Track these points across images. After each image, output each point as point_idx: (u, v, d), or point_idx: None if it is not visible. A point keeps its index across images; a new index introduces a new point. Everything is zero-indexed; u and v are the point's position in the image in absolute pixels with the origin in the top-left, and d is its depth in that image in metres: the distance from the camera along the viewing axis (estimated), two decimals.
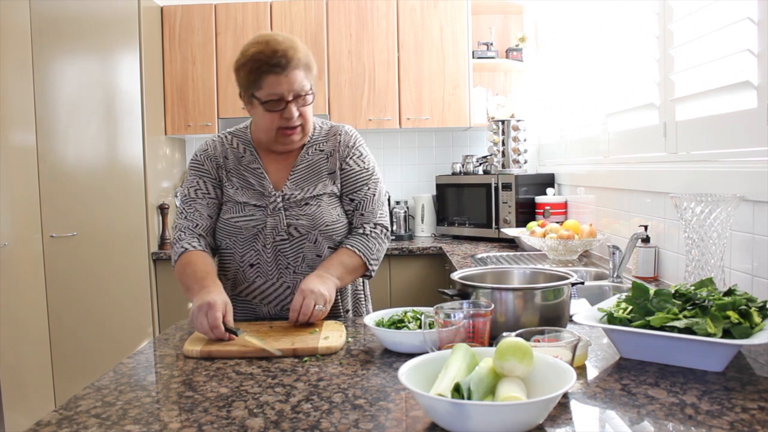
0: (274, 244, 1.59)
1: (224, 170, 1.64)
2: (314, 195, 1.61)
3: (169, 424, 0.93)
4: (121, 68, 3.36)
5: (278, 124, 1.55)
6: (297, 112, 1.54)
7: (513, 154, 3.47)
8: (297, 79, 1.52)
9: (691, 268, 1.52)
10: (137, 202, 3.38)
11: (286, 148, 1.63)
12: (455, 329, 1.10)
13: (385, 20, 3.64)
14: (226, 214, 1.62)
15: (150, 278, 3.40)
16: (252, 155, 1.65)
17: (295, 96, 1.53)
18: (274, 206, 1.59)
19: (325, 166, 1.65)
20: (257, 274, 1.62)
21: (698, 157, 1.85)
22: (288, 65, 1.51)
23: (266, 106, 1.54)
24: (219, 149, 1.66)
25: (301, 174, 1.64)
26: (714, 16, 1.74)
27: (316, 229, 1.59)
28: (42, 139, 3.22)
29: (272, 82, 1.51)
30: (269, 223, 1.59)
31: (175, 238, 1.62)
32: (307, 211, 1.60)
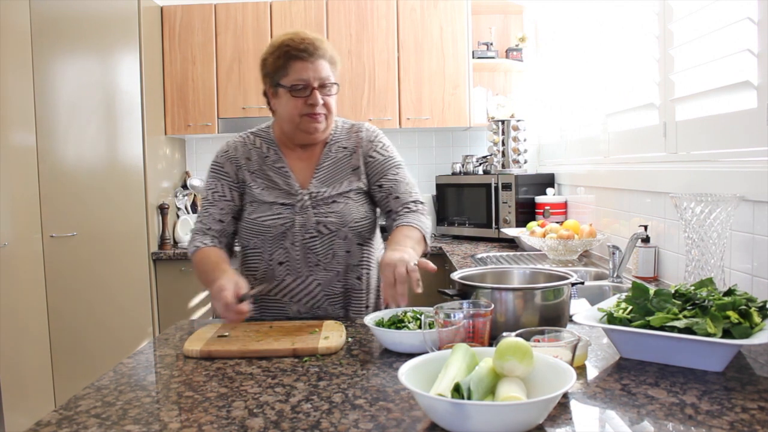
0: (303, 242, 1.60)
1: (247, 171, 1.65)
2: (341, 192, 1.64)
3: (169, 424, 0.93)
4: (121, 68, 3.36)
5: (303, 110, 1.58)
6: (321, 100, 1.57)
7: (513, 154, 3.47)
8: (323, 68, 1.57)
9: (691, 268, 1.52)
10: (137, 202, 3.38)
11: (310, 138, 1.64)
12: (455, 329, 1.10)
13: (385, 20, 3.64)
14: (252, 214, 1.63)
15: (150, 278, 3.40)
16: (276, 154, 1.67)
17: (320, 84, 1.57)
18: (301, 204, 1.61)
19: (349, 163, 1.68)
20: (287, 271, 1.63)
21: (698, 157, 1.85)
22: (315, 53, 1.56)
23: (292, 91, 1.57)
24: (241, 150, 1.68)
25: (325, 172, 1.66)
26: (714, 16, 1.74)
27: (346, 225, 1.61)
28: (42, 139, 3.22)
29: (299, 68, 1.56)
30: (298, 221, 1.60)
31: (190, 239, 1.67)
32: (335, 209, 1.62)
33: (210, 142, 4.09)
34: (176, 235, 3.66)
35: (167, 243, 3.55)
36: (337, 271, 1.64)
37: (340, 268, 1.64)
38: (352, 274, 1.66)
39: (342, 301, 1.67)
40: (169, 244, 3.56)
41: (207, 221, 1.65)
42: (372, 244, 1.72)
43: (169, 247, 3.54)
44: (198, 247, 1.62)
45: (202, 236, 1.64)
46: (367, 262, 1.69)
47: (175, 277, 3.46)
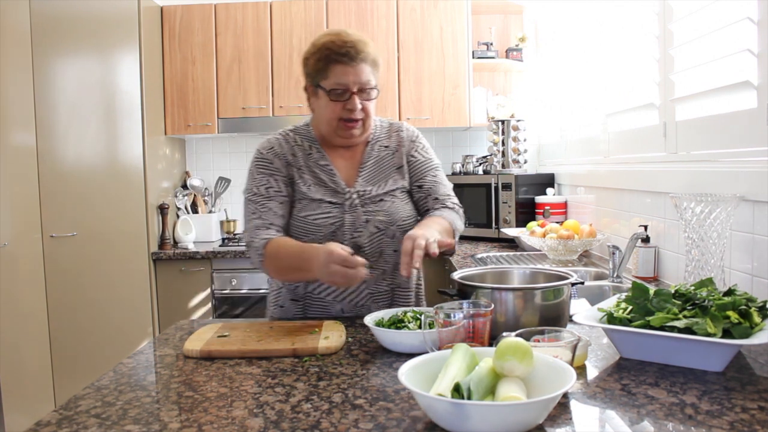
0: (352, 240, 1.59)
1: (294, 167, 1.63)
2: (387, 191, 1.64)
3: (169, 424, 0.93)
4: (121, 68, 3.36)
5: (340, 115, 1.57)
6: (360, 105, 1.56)
7: (513, 154, 3.47)
8: (364, 72, 1.55)
9: (691, 268, 1.52)
10: (137, 202, 3.38)
11: (346, 142, 1.64)
12: (455, 329, 1.10)
13: (385, 20, 3.64)
14: (301, 212, 1.60)
15: (150, 278, 3.40)
16: (319, 152, 1.66)
17: (360, 89, 1.55)
18: (350, 203, 1.60)
19: (392, 162, 1.68)
20: None
21: (698, 157, 1.85)
22: (356, 57, 1.54)
23: (331, 95, 1.56)
24: (285, 147, 1.65)
25: (370, 171, 1.66)
26: (714, 16, 1.74)
27: (395, 224, 1.61)
28: (42, 139, 3.22)
29: (339, 72, 1.54)
30: (347, 220, 1.59)
31: (251, 237, 1.56)
32: (383, 207, 1.62)
33: (210, 142, 4.09)
34: (176, 235, 3.66)
35: (167, 243, 3.55)
36: (383, 269, 1.62)
37: (387, 266, 1.63)
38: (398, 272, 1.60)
39: (388, 299, 1.66)
40: (169, 244, 3.56)
41: (267, 216, 1.56)
42: None
43: (169, 247, 3.54)
44: (267, 239, 1.52)
45: (265, 231, 1.55)
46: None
47: (175, 277, 3.46)
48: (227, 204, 4.05)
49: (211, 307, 3.49)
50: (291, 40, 3.65)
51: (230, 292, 3.45)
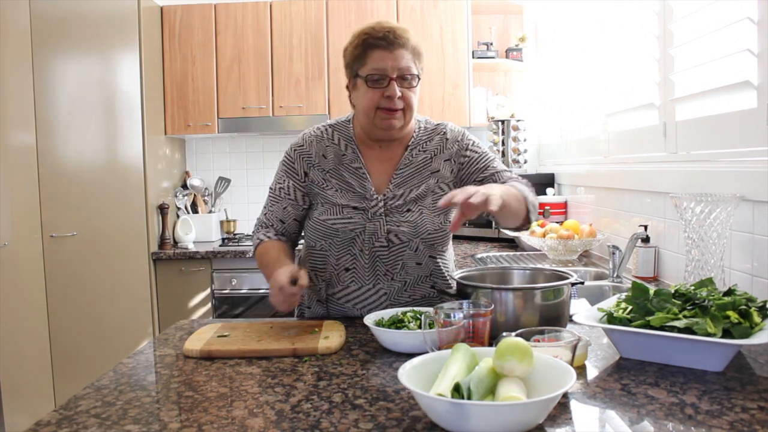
0: (372, 250, 1.54)
1: (320, 170, 1.58)
2: (416, 198, 1.55)
3: (169, 424, 0.93)
4: (120, 68, 3.36)
5: (379, 103, 1.49)
6: (399, 92, 1.48)
7: (513, 154, 3.47)
8: (403, 57, 1.48)
9: (691, 268, 1.52)
10: (137, 202, 3.38)
11: (386, 135, 1.55)
12: (455, 329, 1.10)
13: None
14: (322, 215, 1.56)
15: (150, 278, 3.40)
16: (354, 153, 1.59)
17: (400, 75, 1.49)
18: (375, 210, 1.53)
19: (429, 167, 1.59)
20: (352, 278, 1.57)
21: (698, 157, 1.85)
22: (395, 41, 1.47)
23: (369, 82, 1.49)
24: (315, 146, 1.60)
25: (404, 176, 1.57)
26: (714, 16, 1.74)
27: (418, 237, 1.53)
28: (42, 139, 3.22)
29: (377, 57, 1.48)
30: (368, 228, 1.53)
31: (254, 231, 1.66)
32: (408, 218, 1.53)
33: (210, 142, 4.09)
34: (176, 235, 3.66)
35: (167, 243, 3.55)
36: (405, 281, 1.56)
37: (409, 278, 1.56)
38: (424, 284, 1.58)
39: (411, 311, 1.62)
40: (169, 244, 3.56)
41: (270, 217, 1.62)
42: (444, 255, 1.62)
43: (169, 247, 3.54)
44: (261, 240, 1.59)
45: (265, 230, 1.62)
46: (440, 273, 1.59)
47: (175, 277, 3.46)
48: (227, 204, 4.06)
49: (211, 307, 3.49)
50: (291, 40, 3.65)
51: (230, 292, 3.45)
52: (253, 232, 1.66)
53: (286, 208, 1.61)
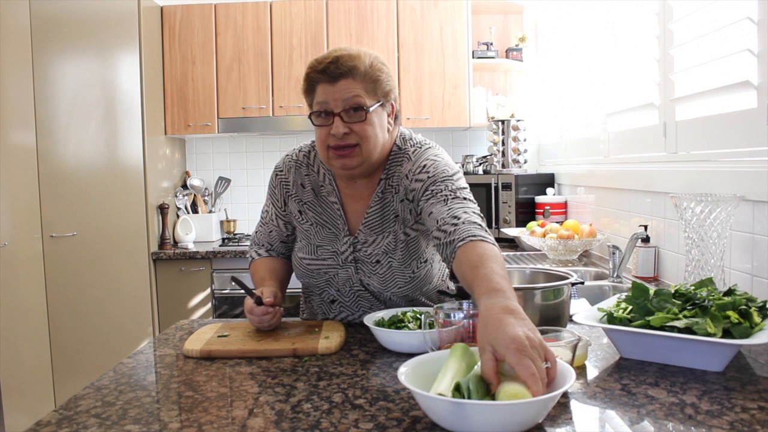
0: (352, 291, 1.52)
1: (298, 201, 1.52)
2: (385, 250, 1.44)
3: (169, 424, 0.93)
4: (120, 68, 3.36)
5: (328, 141, 1.37)
6: (345, 129, 1.34)
7: (513, 154, 3.47)
8: (348, 90, 1.34)
9: (691, 268, 1.52)
10: (137, 202, 3.38)
11: (346, 174, 1.42)
12: (455, 329, 1.10)
13: (385, 20, 3.64)
14: (300, 252, 1.54)
15: (150, 278, 3.40)
16: (331, 185, 1.50)
17: (345, 108, 1.34)
18: (345, 257, 1.48)
19: (392, 208, 1.45)
20: (340, 309, 1.56)
21: (698, 157, 1.85)
22: (336, 72, 1.33)
23: (314, 119, 1.38)
24: (294, 175, 1.52)
25: (375, 218, 1.46)
26: (714, 16, 1.74)
27: (388, 291, 1.47)
28: (42, 139, 3.22)
29: (320, 91, 1.36)
30: (341, 274, 1.49)
31: (250, 246, 1.67)
32: (378, 271, 1.45)
33: (210, 142, 4.09)
34: (176, 235, 3.66)
35: (167, 243, 3.55)
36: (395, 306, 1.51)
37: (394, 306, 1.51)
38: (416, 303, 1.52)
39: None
40: (169, 244, 3.57)
41: (259, 237, 1.63)
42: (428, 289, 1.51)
43: (169, 247, 3.54)
44: (252, 258, 1.62)
45: (258, 247, 1.63)
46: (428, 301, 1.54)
47: (175, 277, 3.46)
48: (227, 204, 4.06)
49: (211, 307, 3.49)
50: (291, 40, 3.65)
51: (230, 292, 3.45)
52: (249, 246, 1.67)
53: (272, 233, 1.61)
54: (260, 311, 1.37)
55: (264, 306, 1.37)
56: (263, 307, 1.37)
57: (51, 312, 3.24)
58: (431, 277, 1.50)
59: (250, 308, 1.38)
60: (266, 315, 1.37)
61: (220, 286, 3.46)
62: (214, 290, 3.47)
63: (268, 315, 1.37)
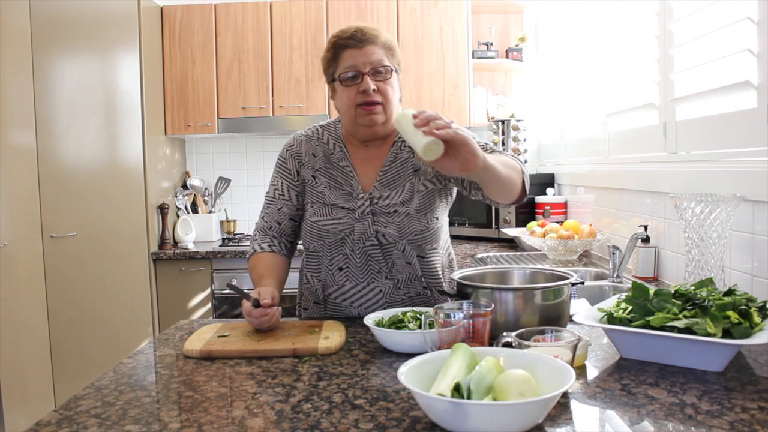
0: (364, 249, 1.56)
1: (310, 168, 1.62)
2: (402, 201, 1.56)
3: (169, 424, 0.93)
4: (120, 68, 3.36)
5: (357, 99, 1.52)
6: (374, 85, 1.50)
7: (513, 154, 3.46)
8: (373, 53, 1.52)
9: (691, 268, 1.52)
10: (137, 202, 3.38)
11: (370, 132, 1.57)
12: (455, 329, 1.10)
13: (385, 20, 3.64)
14: (313, 216, 1.59)
15: (150, 278, 3.40)
16: (341, 152, 1.62)
17: (373, 70, 1.51)
18: (362, 210, 1.56)
19: (411, 163, 1.60)
20: (346, 278, 1.59)
21: (698, 157, 1.85)
22: (364, 40, 1.52)
23: (343, 81, 1.53)
24: (305, 146, 1.65)
25: (389, 175, 1.59)
26: (714, 16, 1.74)
27: (404, 238, 1.54)
28: (42, 139, 3.22)
29: (348, 56, 1.52)
30: (357, 228, 1.55)
31: (252, 236, 1.69)
32: (395, 220, 1.55)
33: (210, 142, 4.09)
34: (176, 235, 3.66)
35: (167, 243, 3.55)
36: (397, 279, 1.58)
37: (400, 277, 1.57)
38: (417, 283, 1.59)
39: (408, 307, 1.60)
40: (169, 244, 3.57)
41: (267, 220, 1.66)
42: (436, 252, 1.62)
43: (169, 247, 3.54)
44: (254, 251, 1.63)
45: (262, 237, 1.65)
46: (431, 273, 1.60)
47: (175, 277, 3.46)
48: (227, 204, 4.06)
49: (211, 307, 3.49)
50: (291, 40, 3.65)
51: (230, 292, 3.45)
52: (252, 237, 1.69)
53: (281, 209, 1.64)
54: (258, 313, 1.38)
55: (262, 308, 1.38)
56: (261, 309, 1.38)
57: (51, 312, 3.25)
58: (440, 236, 1.62)
59: (248, 311, 1.39)
60: (265, 317, 1.38)
61: (220, 286, 3.46)
62: (214, 290, 3.47)
63: (266, 317, 1.38)
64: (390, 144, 1.62)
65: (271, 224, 1.65)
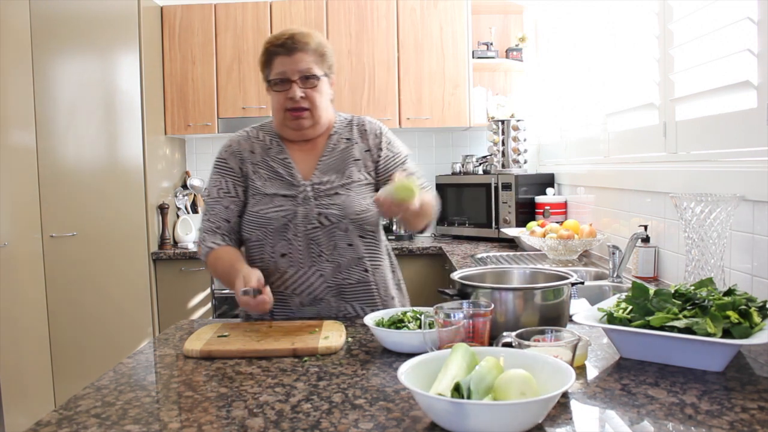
0: (306, 233, 1.61)
1: (250, 163, 1.67)
2: (343, 183, 1.64)
3: (169, 424, 0.93)
4: (120, 68, 3.36)
5: (284, 105, 1.60)
6: (301, 93, 1.58)
7: (513, 154, 3.47)
8: (302, 61, 1.58)
9: (691, 268, 1.52)
10: (137, 202, 3.38)
11: (297, 135, 1.66)
12: (455, 329, 1.10)
13: (385, 20, 3.64)
14: (255, 206, 1.63)
15: (150, 278, 3.40)
16: (279, 146, 1.69)
17: (301, 77, 1.59)
18: (303, 195, 1.62)
19: (351, 153, 1.68)
20: (289, 263, 1.63)
21: (698, 157, 1.85)
22: (293, 48, 1.58)
23: (273, 86, 1.61)
24: (243, 144, 1.70)
25: (328, 163, 1.67)
26: (714, 16, 1.74)
27: (347, 217, 1.61)
28: (42, 139, 3.22)
29: (278, 63, 1.59)
30: (300, 213, 1.61)
31: (200, 239, 1.69)
32: (336, 200, 1.62)
33: (210, 142, 4.09)
34: (176, 235, 3.66)
35: (167, 243, 3.55)
36: (339, 263, 1.63)
37: (343, 260, 1.63)
38: (358, 267, 1.65)
39: (349, 293, 1.65)
40: (169, 244, 3.56)
41: (214, 219, 1.67)
42: (377, 236, 1.72)
43: (169, 247, 3.54)
44: (210, 248, 1.64)
45: (212, 236, 1.66)
46: (372, 256, 1.69)
47: (175, 277, 3.46)
48: None
49: (211, 307, 3.49)
50: None
51: (230, 292, 3.45)
52: (199, 241, 1.69)
53: (229, 207, 1.67)
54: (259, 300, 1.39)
55: (263, 295, 1.40)
56: (263, 296, 1.40)
57: (51, 312, 3.25)
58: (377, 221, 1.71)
59: (245, 301, 1.41)
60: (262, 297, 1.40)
61: (220, 286, 3.46)
62: (214, 290, 3.47)
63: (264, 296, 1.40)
64: (327, 136, 1.70)
65: (219, 223, 1.67)
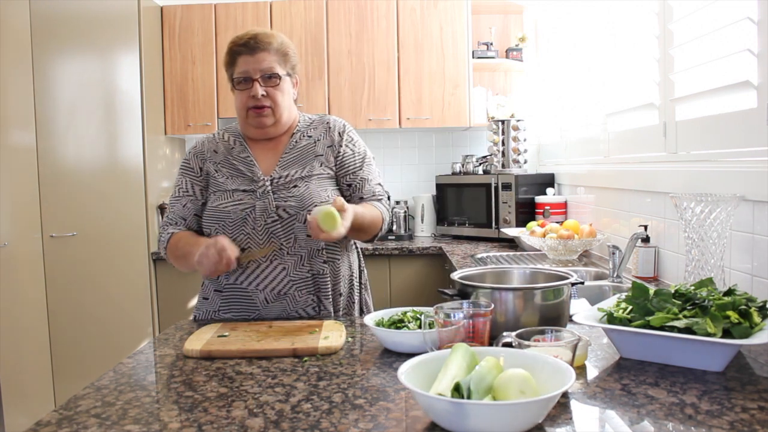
0: (266, 226, 1.62)
1: (212, 163, 1.71)
2: (303, 176, 1.66)
3: (169, 424, 0.93)
4: (120, 68, 3.36)
5: (247, 103, 1.64)
6: (263, 91, 1.63)
7: (513, 154, 3.47)
8: (264, 60, 1.63)
9: (691, 268, 1.52)
10: (137, 202, 3.38)
11: (259, 133, 1.70)
12: (455, 329, 1.10)
13: (385, 20, 3.64)
14: (215, 202, 1.66)
15: (150, 278, 3.40)
16: (242, 145, 1.73)
17: (263, 76, 1.63)
18: (263, 190, 1.64)
19: (313, 150, 1.72)
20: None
21: (698, 157, 1.85)
22: (256, 47, 1.63)
23: (236, 85, 1.65)
24: (207, 145, 1.74)
25: (289, 159, 1.70)
26: (714, 16, 1.74)
27: (305, 209, 1.62)
28: (42, 139, 3.22)
29: (242, 62, 1.64)
30: (258, 206, 1.62)
31: (159, 234, 1.75)
32: (295, 193, 1.64)
33: None
34: None
35: None
36: (301, 255, 1.63)
37: (303, 252, 1.64)
38: (318, 259, 1.65)
39: (312, 286, 1.65)
40: None
41: (173, 216, 1.72)
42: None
43: None
44: (172, 234, 1.68)
45: (171, 226, 1.71)
46: (332, 248, 1.69)
47: (175, 277, 3.46)
48: None
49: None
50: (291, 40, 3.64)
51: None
52: (159, 236, 1.74)
53: (186, 205, 1.71)
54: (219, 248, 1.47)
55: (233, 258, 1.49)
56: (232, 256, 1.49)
57: (51, 312, 3.25)
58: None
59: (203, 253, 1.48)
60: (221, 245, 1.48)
61: None
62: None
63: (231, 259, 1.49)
64: (289, 135, 1.74)
65: (177, 220, 1.71)
